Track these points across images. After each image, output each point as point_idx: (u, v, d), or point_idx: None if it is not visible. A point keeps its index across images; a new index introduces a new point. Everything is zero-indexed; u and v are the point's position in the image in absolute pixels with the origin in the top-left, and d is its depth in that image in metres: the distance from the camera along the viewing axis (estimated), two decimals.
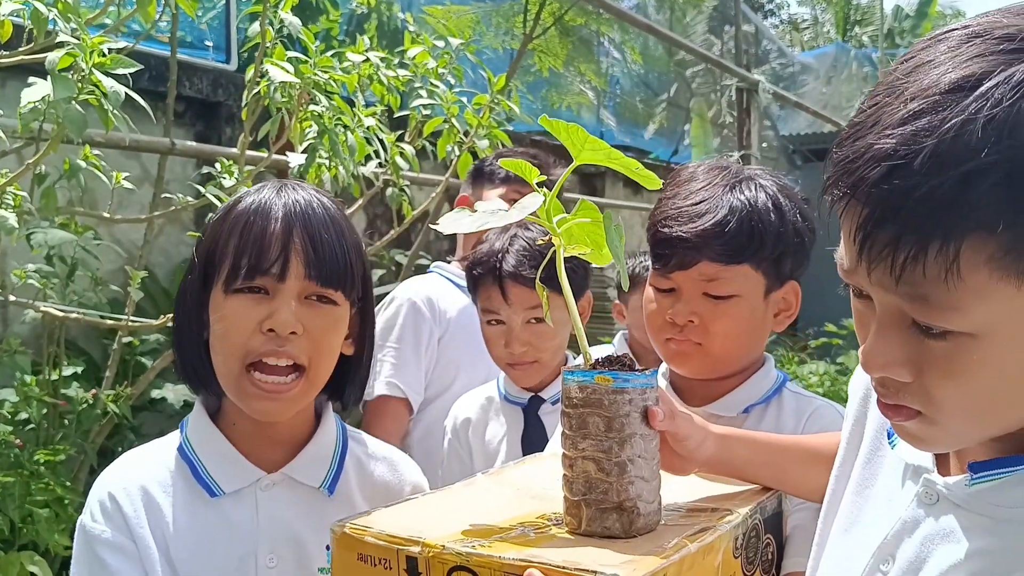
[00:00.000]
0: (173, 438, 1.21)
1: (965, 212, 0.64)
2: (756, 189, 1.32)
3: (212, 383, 1.17)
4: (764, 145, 7.56)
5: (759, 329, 1.36)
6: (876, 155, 0.67)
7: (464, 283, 1.99)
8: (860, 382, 1.02)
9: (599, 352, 3.75)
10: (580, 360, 0.99)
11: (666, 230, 1.31)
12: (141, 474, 1.16)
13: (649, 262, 1.38)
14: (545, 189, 0.96)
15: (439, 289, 2.32)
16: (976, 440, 0.79)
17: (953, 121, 0.64)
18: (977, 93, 0.64)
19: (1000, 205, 0.63)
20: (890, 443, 0.92)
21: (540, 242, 1.09)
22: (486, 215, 0.96)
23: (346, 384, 1.24)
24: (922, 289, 0.68)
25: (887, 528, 0.85)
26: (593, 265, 1.08)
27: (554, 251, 0.99)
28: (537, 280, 1.05)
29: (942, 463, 0.85)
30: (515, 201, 2.03)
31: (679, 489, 1.08)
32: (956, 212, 0.64)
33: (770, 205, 1.31)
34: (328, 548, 1.09)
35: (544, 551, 0.87)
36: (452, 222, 0.97)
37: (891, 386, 0.76)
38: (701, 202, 1.30)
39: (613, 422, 0.93)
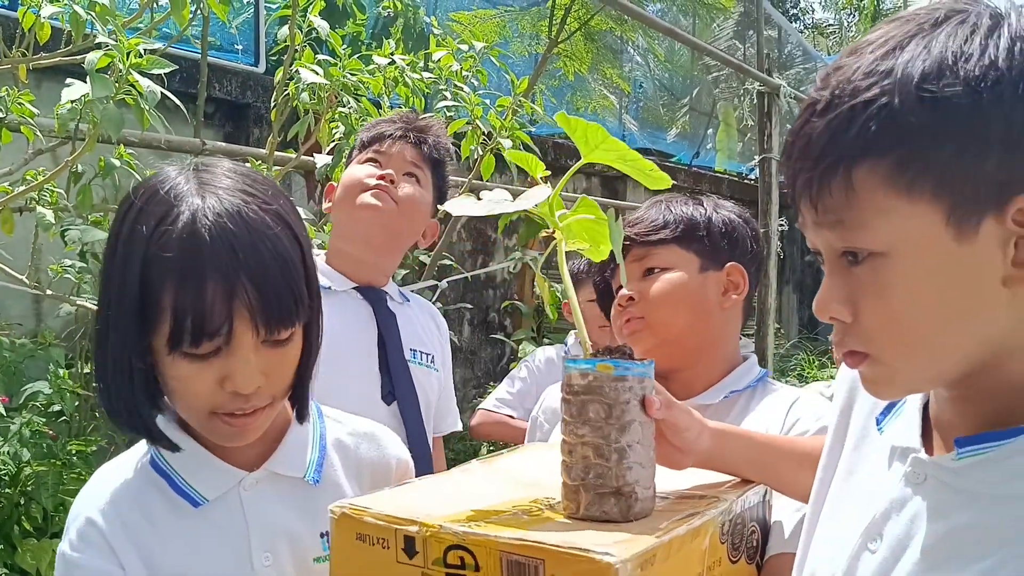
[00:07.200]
0: (141, 448, 1.14)
1: (853, 139, 0.74)
2: (691, 204, 1.50)
3: (154, 429, 1.07)
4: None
5: (700, 303, 1.44)
6: (800, 114, 0.79)
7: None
8: (847, 373, 1.03)
9: (544, 353, 3.67)
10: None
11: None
12: (118, 494, 1.09)
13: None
14: (549, 186, 1.00)
15: None
16: (926, 381, 0.83)
17: (851, 68, 0.76)
18: (873, 46, 0.76)
19: (882, 132, 0.73)
20: (878, 428, 0.93)
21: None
22: (491, 203, 1.00)
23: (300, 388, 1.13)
24: (836, 214, 0.77)
25: (875, 509, 0.87)
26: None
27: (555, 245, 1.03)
28: (537, 272, 1.09)
29: (928, 443, 0.87)
30: (375, 161, 1.92)
31: (669, 478, 1.10)
32: (846, 140, 0.75)
33: (690, 202, 1.49)
34: (323, 536, 1.10)
35: (539, 532, 0.89)
36: (460, 206, 1.01)
37: (839, 331, 0.82)
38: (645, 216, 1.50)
39: (613, 409, 0.96)
